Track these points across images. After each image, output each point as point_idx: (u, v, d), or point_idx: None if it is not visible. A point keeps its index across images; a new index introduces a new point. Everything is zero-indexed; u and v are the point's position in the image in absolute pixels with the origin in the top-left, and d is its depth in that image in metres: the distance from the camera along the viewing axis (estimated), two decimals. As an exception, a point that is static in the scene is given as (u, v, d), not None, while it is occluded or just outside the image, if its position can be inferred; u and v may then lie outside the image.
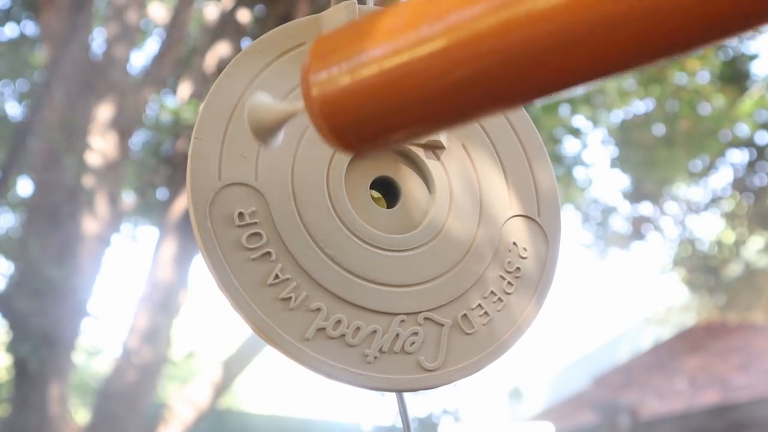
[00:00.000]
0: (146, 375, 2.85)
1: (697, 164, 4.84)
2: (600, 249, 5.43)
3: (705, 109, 4.31)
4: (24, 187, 3.95)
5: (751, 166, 4.92)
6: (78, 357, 4.26)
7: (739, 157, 4.94)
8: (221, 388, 2.94)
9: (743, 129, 4.66)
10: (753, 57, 4.19)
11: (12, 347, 2.74)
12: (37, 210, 2.89)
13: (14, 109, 4.01)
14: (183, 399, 2.91)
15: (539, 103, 0.30)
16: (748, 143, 4.78)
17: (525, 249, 0.52)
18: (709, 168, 4.91)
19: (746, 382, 4.85)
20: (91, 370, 6.29)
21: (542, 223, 0.52)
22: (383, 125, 0.34)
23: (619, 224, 5.32)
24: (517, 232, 0.52)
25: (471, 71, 0.31)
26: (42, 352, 2.65)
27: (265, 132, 0.38)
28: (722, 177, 5.98)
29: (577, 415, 5.93)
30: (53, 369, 2.73)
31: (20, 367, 2.71)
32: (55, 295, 2.72)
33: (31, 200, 3.04)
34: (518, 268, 0.51)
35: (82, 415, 4.50)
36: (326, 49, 0.35)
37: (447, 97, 0.32)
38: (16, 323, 2.71)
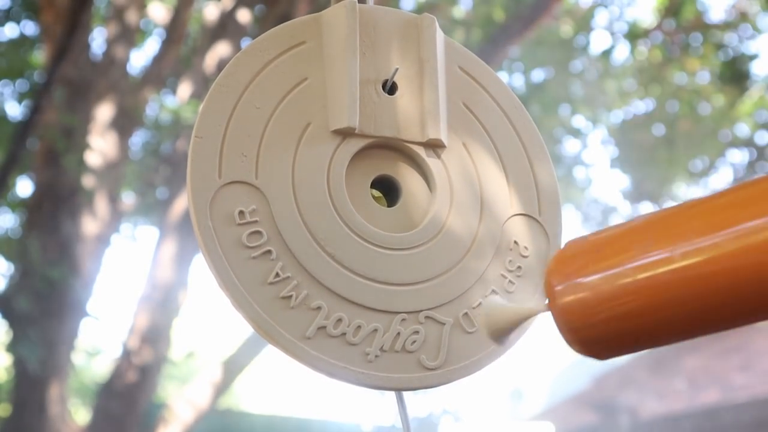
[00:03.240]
0: (146, 375, 2.85)
1: (697, 164, 4.85)
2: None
3: (705, 109, 4.32)
4: (24, 187, 3.95)
5: (751, 166, 4.92)
6: (78, 357, 4.26)
7: (739, 157, 4.94)
8: (221, 388, 2.94)
9: (743, 129, 4.66)
10: (753, 57, 4.19)
11: (12, 347, 2.74)
12: (37, 210, 2.89)
13: (14, 109, 4.01)
14: (183, 399, 2.91)
15: None
16: (748, 143, 4.78)
17: (526, 248, 0.51)
18: (709, 168, 4.91)
19: (746, 382, 4.85)
20: (91, 370, 6.29)
21: (543, 222, 0.52)
22: (631, 339, 0.35)
23: (619, 224, 5.31)
24: (518, 230, 0.52)
25: (719, 294, 0.31)
26: (42, 352, 2.65)
27: (500, 332, 0.40)
28: (722, 177, 5.98)
29: (577, 415, 5.93)
30: (53, 369, 2.73)
31: (20, 367, 2.71)
32: (55, 295, 2.72)
33: (31, 200, 3.04)
34: (519, 267, 0.51)
35: (82, 415, 4.50)
36: (568, 262, 0.36)
37: (688, 316, 0.33)
38: (16, 323, 2.71)
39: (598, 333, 0.34)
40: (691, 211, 0.32)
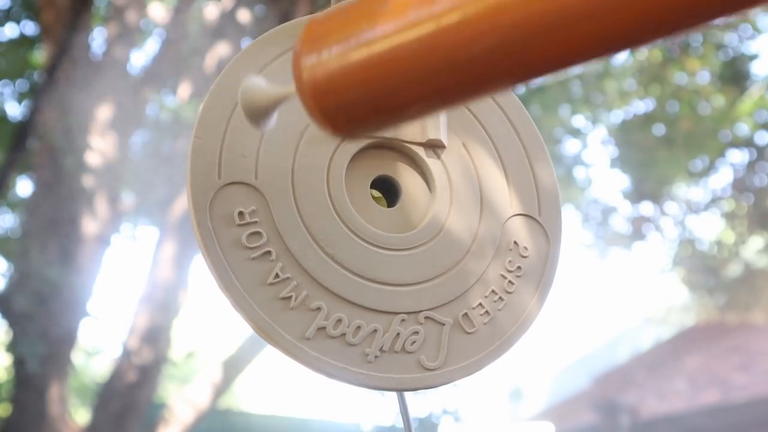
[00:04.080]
0: (146, 375, 2.85)
1: (697, 164, 4.85)
2: (600, 249, 5.43)
3: (705, 109, 4.31)
4: (24, 187, 3.95)
5: (751, 166, 4.92)
6: (78, 357, 4.26)
7: (739, 157, 4.94)
8: (221, 388, 2.94)
9: (743, 129, 4.66)
10: (753, 57, 4.19)
11: (12, 347, 2.74)
12: (37, 210, 2.89)
13: (14, 109, 4.01)
14: (183, 399, 2.91)
15: (525, 85, 0.32)
16: (748, 143, 4.78)
17: (526, 248, 0.51)
18: (709, 168, 4.91)
19: (746, 382, 4.85)
20: (91, 370, 6.29)
21: (543, 222, 0.52)
22: (372, 108, 0.34)
23: (619, 224, 5.33)
24: (518, 231, 0.52)
25: (460, 54, 0.31)
26: (42, 352, 2.65)
27: (258, 114, 0.39)
28: (722, 177, 5.98)
29: (577, 415, 5.93)
30: (53, 369, 2.73)
31: (20, 367, 2.71)
32: (55, 295, 2.72)
33: (31, 200, 3.04)
34: (519, 267, 0.51)
35: (82, 415, 4.50)
36: (316, 33, 0.35)
37: (435, 81, 0.32)
38: (16, 323, 2.71)
39: (345, 106, 0.34)
40: None
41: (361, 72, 0.33)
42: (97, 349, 4.56)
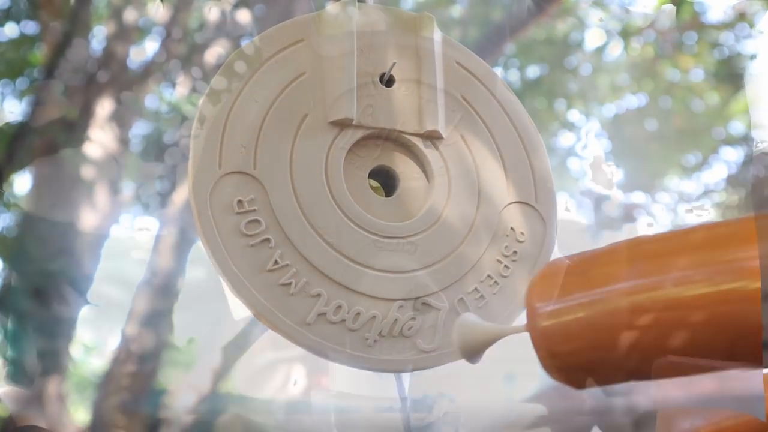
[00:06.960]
0: (146, 362, 2.85)
1: (690, 160, 4.85)
2: (593, 233, 5.42)
3: (698, 106, 4.32)
4: (23, 181, 3.95)
5: (745, 164, 4.92)
6: (77, 349, 4.26)
7: (733, 154, 4.95)
8: (222, 373, 2.94)
9: (738, 127, 4.67)
10: (752, 57, 4.18)
11: (11, 344, 2.74)
12: (36, 204, 2.89)
13: (14, 109, 4.00)
14: (184, 384, 2.92)
15: None
16: (742, 141, 4.78)
17: (522, 233, 0.53)
18: (702, 164, 4.92)
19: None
20: (90, 361, 6.28)
21: (539, 208, 0.54)
22: (611, 369, 0.33)
23: (612, 209, 5.32)
24: (515, 217, 0.53)
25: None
26: (40, 347, 2.65)
27: (473, 351, 0.39)
28: (715, 173, 5.99)
29: (570, 397, 5.94)
30: (52, 365, 2.74)
31: (19, 365, 2.72)
32: (54, 289, 2.72)
33: (29, 194, 3.04)
34: (515, 252, 0.52)
35: (81, 409, 4.50)
36: (551, 285, 0.34)
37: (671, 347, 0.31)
38: (14, 319, 2.71)
39: (579, 360, 0.32)
40: (676, 243, 0.31)
41: (599, 330, 0.31)
42: (96, 343, 4.55)
